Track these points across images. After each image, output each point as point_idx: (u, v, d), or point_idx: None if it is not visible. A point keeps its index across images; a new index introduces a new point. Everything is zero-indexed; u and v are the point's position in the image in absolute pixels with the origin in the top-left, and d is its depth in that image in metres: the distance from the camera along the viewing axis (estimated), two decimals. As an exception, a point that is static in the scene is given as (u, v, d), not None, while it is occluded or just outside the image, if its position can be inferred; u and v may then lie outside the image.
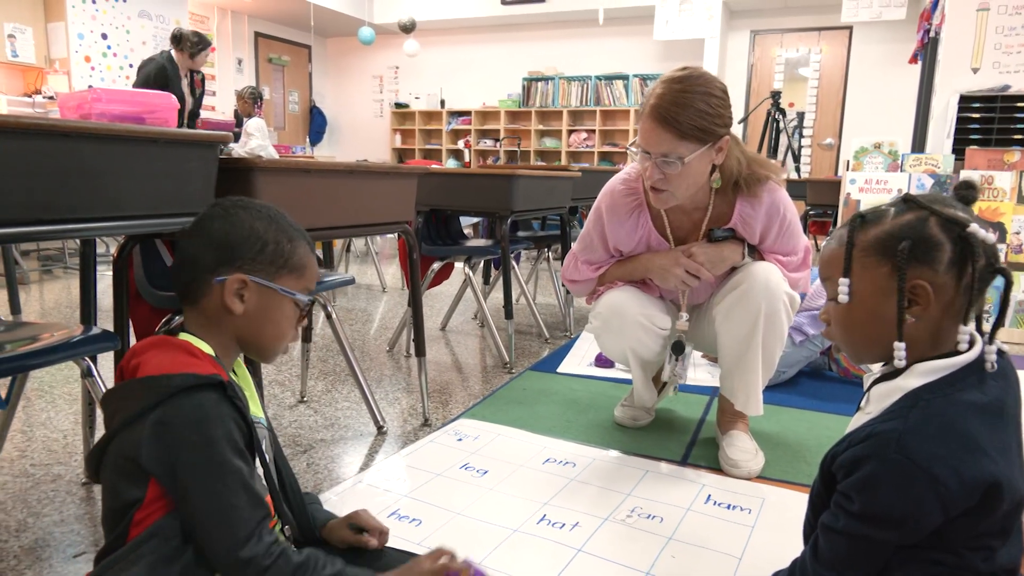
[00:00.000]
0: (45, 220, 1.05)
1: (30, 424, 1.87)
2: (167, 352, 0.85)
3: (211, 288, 0.89)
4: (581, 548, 1.27)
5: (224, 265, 0.89)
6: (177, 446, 0.78)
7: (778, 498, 1.48)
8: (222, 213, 0.92)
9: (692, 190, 1.49)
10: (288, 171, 1.43)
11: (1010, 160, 3.42)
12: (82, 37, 6.22)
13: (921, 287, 0.82)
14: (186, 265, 0.91)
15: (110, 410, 0.83)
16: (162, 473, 0.78)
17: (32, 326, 1.37)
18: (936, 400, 0.80)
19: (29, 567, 1.20)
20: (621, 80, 8.14)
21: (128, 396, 0.82)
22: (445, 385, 2.30)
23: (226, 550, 0.77)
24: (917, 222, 0.83)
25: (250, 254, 0.91)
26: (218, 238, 0.90)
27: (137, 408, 0.79)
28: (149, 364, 0.83)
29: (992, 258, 0.81)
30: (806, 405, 2.09)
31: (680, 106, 1.38)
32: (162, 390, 0.79)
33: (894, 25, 6.73)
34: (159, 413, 0.78)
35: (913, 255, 0.82)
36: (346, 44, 9.73)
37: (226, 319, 0.90)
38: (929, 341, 0.85)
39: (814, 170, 7.57)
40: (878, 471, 0.79)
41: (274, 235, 0.93)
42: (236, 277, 0.89)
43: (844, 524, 0.82)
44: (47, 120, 1.02)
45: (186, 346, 0.86)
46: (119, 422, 0.80)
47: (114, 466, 0.80)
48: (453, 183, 2.57)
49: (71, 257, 4.90)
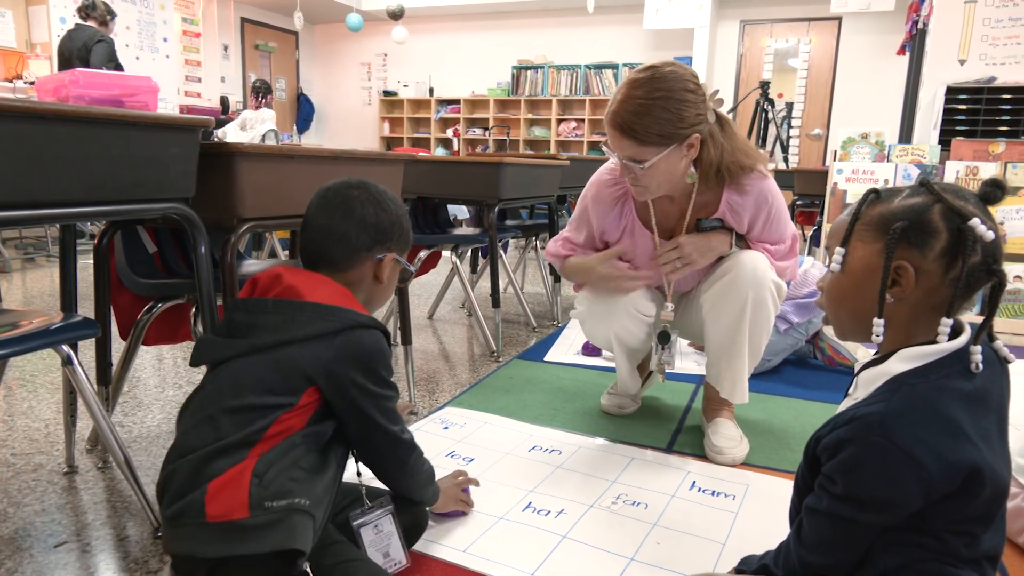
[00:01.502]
0: (22, 205, 1.03)
1: (11, 413, 1.85)
2: (330, 288, 1.02)
3: (365, 263, 1.08)
4: (566, 535, 1.27)
5: (378, 245, 1.09)
6: (358, 369, 0.97)
7: (762, 484, 1.49)
8: (370, 198, 1.09)
9: (667, 185, 1.49)
10: (272, 157, 1.41)
11: (995, 151, 3.44)
12: (64, 21, 6.11)
13: (904, 268, 0.82)
14: (336, 241, 1.06)
15: (272, 320, 0.97)
16: (330, 387, 0.97)
17: (12, 313, 1.35)
18: (920, 385, 0.81)
19: (9, 557, 1.19)
20: (611, 69, 8.12)
21: (302, 315, 0.97)
22: (432, 374, 2.29)
23: (394, 434, 1.04)
24: (921, 206, 0.83)
25: (395, 236, 1.11)
26: (372, 222, 1.08)
27: (318, 330, 0.96)
28: (315, 292, 0.99)
29: (990, 257, 0.80)
30: (791, 393, 2.10)
31: (638, 115, 1.37)
32: (347, 321, 0.98)
33: (883, 16, 6.74)
34: (343, 338, 0.97)
35: (906, 237, 0.82)
36: (334, 31, 9.63)
37: (367, 284, 1.10)
38: (905, 327, 0.85)
39: (802, 160, 7.59)
40: (860, 453, 0.79)
41: (406, 219, 1.14)
42: (391, 257, 1.11)
43: (827, 506, 0.83)
44: (23, 103, 1.00)
45: (343, 290, 1.04)
46: (295, 336, 0.95)
47: (275, 368, 0.95)
48: (441, 171, 2.55)
49: (53, 245, 4.84)
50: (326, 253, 1.07)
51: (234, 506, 0.86)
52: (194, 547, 0.87)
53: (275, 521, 0.87)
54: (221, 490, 0.87)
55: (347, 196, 1.08)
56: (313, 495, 0.92)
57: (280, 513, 0.88)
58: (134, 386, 2.09)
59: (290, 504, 0.89)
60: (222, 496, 0.87)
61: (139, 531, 1.28)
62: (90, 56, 4.20)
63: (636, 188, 1.50)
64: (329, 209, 1.08)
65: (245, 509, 0.87)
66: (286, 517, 0.88)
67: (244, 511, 0.86)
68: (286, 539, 0.87)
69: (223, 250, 1.33)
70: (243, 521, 0.86)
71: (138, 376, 2.18)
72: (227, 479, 0.88)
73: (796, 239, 1.66)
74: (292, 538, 0.88)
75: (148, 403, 1.96)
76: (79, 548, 1.22)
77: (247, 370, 0.96)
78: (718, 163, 1.47)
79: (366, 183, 1.11)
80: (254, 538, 0.86)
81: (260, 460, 0.90)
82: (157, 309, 1.60)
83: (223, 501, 0.87)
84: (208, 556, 0.87)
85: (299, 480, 0.92)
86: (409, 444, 1.09)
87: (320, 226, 1.07)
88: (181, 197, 1.27)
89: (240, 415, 0.92)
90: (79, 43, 4.28)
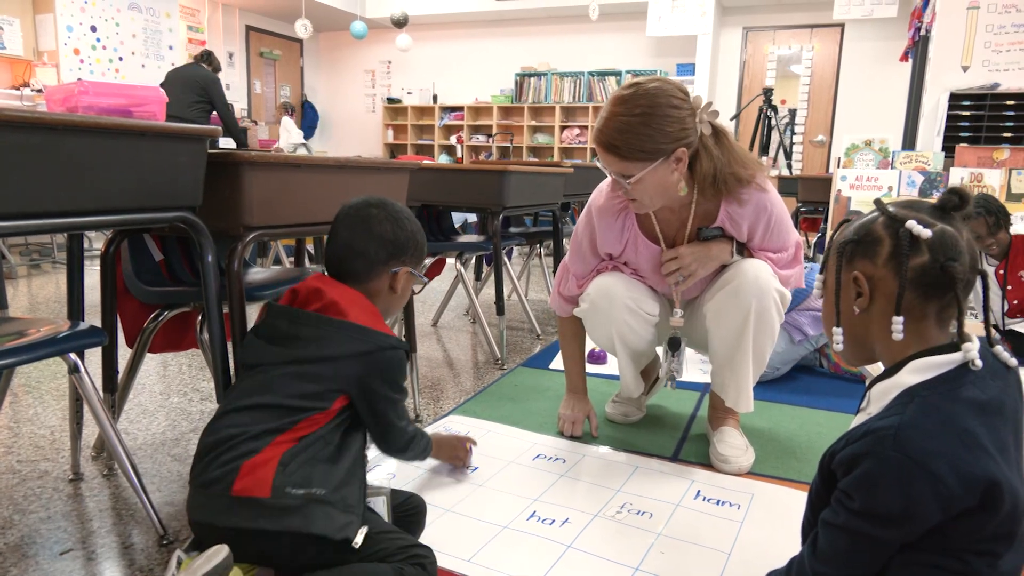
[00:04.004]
0: (31, 214, 1.04)
1: (17, 420, 1.85)
2: (367, 311, 1.16)
3: (382, 275, 1.21)
4: (571, 544, 1.27)
5: (394, 259, 1.21)
6: (383, 382, 1.14)
7: (767, 494, 1.49)
8: (388, 216, 1.21)
9: (660, 198, 1.50)
10: (277, 166, 1.42)
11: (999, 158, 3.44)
12: (71, 29, 6.16)
13: (858, 278, 0.88)
14: (357, 255, 1.19)
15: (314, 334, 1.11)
16: (360, 395, 1.12)
17: (19, 321, 1.35)
18: (933, 396, 0.80)
19: (15, 564, 1.19)
20: (614, 76, 8.13)
21: (340, 334, 1.11)
22: (436, 381, 2.29)
23: (401, 428, 1.21)
24: (868, 221, 0.89)
25: (410, 251, 1.24)
26: (390, 238, 1.20)
27: (355, 349, 1.11)
28: (353, 310, 1.13)
29: (940, 255, 0.81)
30: (796, 401, 2.10)
31: (620, 132, 1.39)
32: (380, 343, 1.13)
33: (886, 23, 6.75)
34: (374, 358, 1.12)
35: (856, 251, 0.89)
36: (338, 38, 9.67)
37: (384, 294, 1.22)
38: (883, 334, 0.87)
39: (805, 167, 7.59)
40: (876, 468, 0.78)
41: (421, 235, 1.27)
42: (405, 270, 1.23)
43: (845, 521, 0.81)
44: (33, 113, 1.01)
45: (374, 308, 1.18)
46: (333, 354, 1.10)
47: (314, 378, 1.08)
48: (445, 179, 2.56)
49: (59, 252, 4.86)
50: (348, 265, 1.20)
51: (258, 486, 0.98)
52: (213, 516, 0.99)
53: (292, 507, 0.98)
54: (251, 471, 0.99)
55: (368, 214, 1.21)
56: (331, 484, 1.03)
57: (298, 500, 0.98)
58: (139, 393, 2.09)
59: (308, 493, 0.99)
60: (250, 476, 0.98)
61: (144, 538, 1.28)
62: (211, 89, 5.23)
63: (631, 203, 1.52)
64: (351, 225, 1.21)
65: (267, 490, 0.98)
66: (304, 505, 0.98)
67: (266, 492, 0.98)
68: (303, 524, 0.97)
69: (229, 258, 1.34)
70: (263, 500, 0.97)
71: (143, 383, 2.19)
72: (258, 462, 1.00)
73: (800, 247, 1.65)
74: (309, 524, 0.98)
75: (153, 410, 1.96)
76: (84, 555, 1.23)
77: (288, 375, 1.09)
78: (713, 175, 1.47)
79: (385, 202, 1.24)
80: (269, 517, 0.97)
81: (287, 452, 1.02)
82: (163, 317, 1.61)
83: (250, 480, 0.98)
84: (222, 526, 0.98)
85: (318, 471, 1.03)
86: (412, 434, 1.27)
87: (343, 241, 1.20)
88: (188, 206, 1.28)
89: (277, 411, 1.05)
90: (196, 76, 5.23)
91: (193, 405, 2.02)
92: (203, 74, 5.30)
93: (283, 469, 1.00)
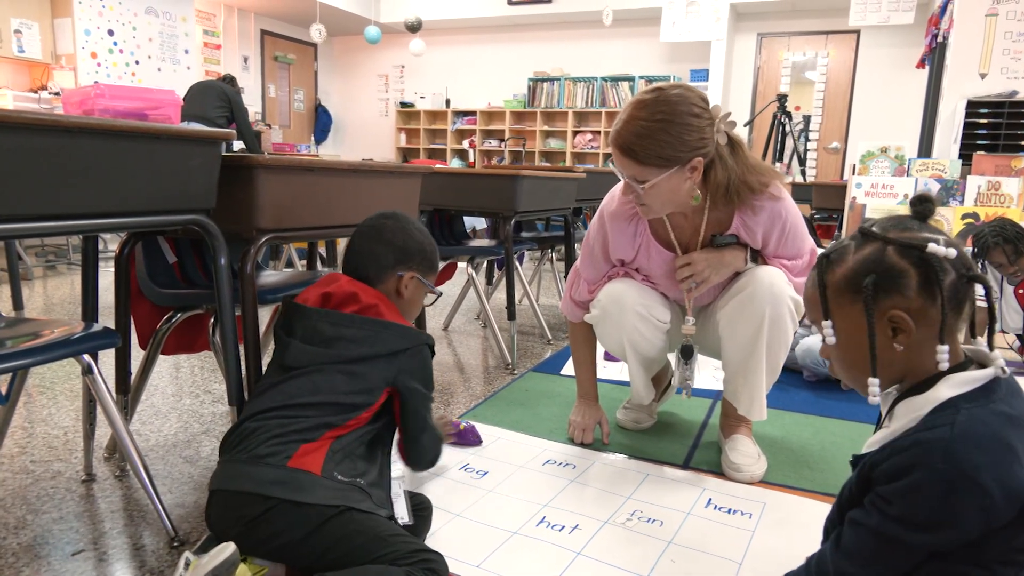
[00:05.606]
0: (47, 216, 1.05)
1: (31, 420, 1.87)
2: (394, 311, 1.27)
3: (390, 278, 1.31)
4: (581, 551, 1.26)
5: (401, 264, 1.31)
6: (418, 378, 1.25)
7: (780, 503, 1.47)
8: (398, 227, 1.33)
9: (670, 206, 1.49)
10: (291, 169, 1.42)
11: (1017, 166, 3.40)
12: (88, 33, 6.23)
13: (899, 316, 0.83)
14: (369, 259, 1.31)
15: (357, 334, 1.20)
16: (400, 389, 1.22)
17: (33, 322, 1.37)
18: (976, 410, 0.79)
19: (27, 564, 1.20)
20: (627, 81, 8.13)
21: (385, 333, 1.22)
22: (447, 385, 2.29)
23: (425, 419, 1.28)
24: (876, 254, 0.84)
25: (416, 258, 1.33)
26: (398, 245, 1.31)
27: (398, 346, 1.22)
28: (390, 312, 1.25)
29: (963, 268, 0.81)
30: (810, 410, 2.08)
31: (639, 136, 1.38)
32: (416, 340, 1.25)
33: (902, 29, 6.70)
34: (412, 353, 1.24)
35: (880, 288, 0.83)
36: (352, 43, 9.73)
37: (392, 298, 1.31)
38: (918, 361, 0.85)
39: (820, 174, 7.55)
40: (924, 479, 0.77)
41: (431, 246, 1.36)
42: (410, 275, 1.32)
43: (877, 523, 0.81)
44: (50, 116, 1.02)
45: (399, 311, 1.29)
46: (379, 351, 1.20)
47: (361, 376, 1.18)
48: (457, 183, 2.56)
49: (74, 253, 4.91)
50: (363, 269, 1.30)
51: (313, 464, 1.09)
52: (258, 486, 1.06)
53: (335, 488, 1.08)
54: (308, 453, 1.10)
55: (381, 225, 1.33)
56: (370, 477, 1.14)
57: (343, 485, 1.09)
58: (151, 395, 2.11)
59: (352, 481, 1.10)
60: (307, 457, 1.09)
61: (155, 540, 1.29)
62: (233, 98, 5.50)
63: (640, 207, 1.51)
64: (366, 234, 1.33)
65: (319, 468, 1.09)
66: (346, 489, 1.09)
67: (318, 469, 1.08)
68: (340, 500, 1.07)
69: (242, 261, 1.34)
70: (313, 475, 1.07)
71: (156, 385, 2.20)
72: (314, 447, 1.11)
73: (815, 253, 1.64)
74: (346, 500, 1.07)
75: (166, 412, 1.97)
76: (96, 556, 1.23)
77: (337, 373, 1.18)
78: (726, 184, 1.46)
79: (397, 215, 1.35)
80: (311, 491, 1.05)
81: (336, 441, 1.13)
82: (176, 319, 1.61)
83: (306, 458, 1.09)
84: (264, 494, 1.04)
85: (359, 465, 1.14)
86: (438, 437, 1.35)
87: (359, 248, 1.32)
88: (202, 208, 1.29)
89: (327, 407, 1.15)
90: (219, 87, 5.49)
91: (205, 407, 2.02)
92: (226, 87, 5.61)
93: (332, 455, 1.11)
